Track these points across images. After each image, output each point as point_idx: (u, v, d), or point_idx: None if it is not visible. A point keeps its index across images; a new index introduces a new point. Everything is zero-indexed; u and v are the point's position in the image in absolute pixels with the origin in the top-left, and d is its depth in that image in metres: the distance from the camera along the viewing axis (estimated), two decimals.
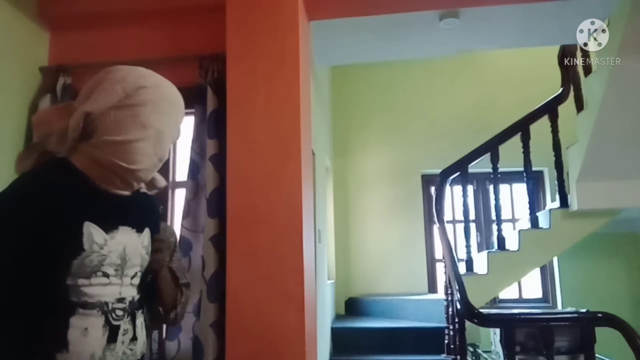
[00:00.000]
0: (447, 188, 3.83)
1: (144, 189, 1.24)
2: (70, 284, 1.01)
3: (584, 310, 3.61)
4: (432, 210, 3.96)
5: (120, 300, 1.09)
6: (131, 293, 1.13)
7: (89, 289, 1.03)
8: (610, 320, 2.47)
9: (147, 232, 1.20)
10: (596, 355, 2.52)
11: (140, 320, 1.16)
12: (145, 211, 1.23)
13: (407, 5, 2.53)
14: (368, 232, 5.49)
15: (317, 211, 3.17)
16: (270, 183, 2.08)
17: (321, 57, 3.24)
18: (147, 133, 1.09)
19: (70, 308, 1.01)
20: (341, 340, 4.13)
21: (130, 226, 1.14)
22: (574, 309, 4.23)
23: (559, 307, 5.03)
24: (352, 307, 5.22)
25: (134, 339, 1.12)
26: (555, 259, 5.00)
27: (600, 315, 2.54)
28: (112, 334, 1.06)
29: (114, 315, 1.07)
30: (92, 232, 1.05)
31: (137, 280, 1.15)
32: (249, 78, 2.18)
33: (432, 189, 5.00)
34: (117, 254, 1.09)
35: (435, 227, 4.64)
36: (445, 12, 2.61)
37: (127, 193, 1.15)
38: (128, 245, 1.12)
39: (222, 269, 2.10)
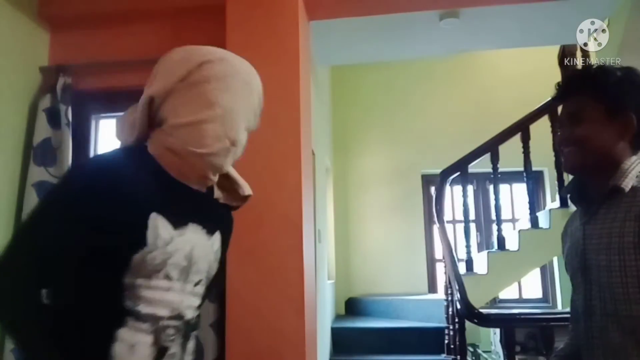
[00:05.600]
0: (447, 188, 3.84)
1: (223, 200, 1.14)
2: (127, 283, 0.89)
3: None
4: (432, 210, 3.96)
5: (176, 317, 0.95)
6: (192, 303, 0.99)
7: (148, 292, 0.90)
8: None
9: (217, 236, 1.08)
10: None
11: (191, 345, 1.01)
12: (219, 214, 1.13)
13: (407, 5, 2.53)
14: (368, 232, 5.49)
15: (317, 211, 3.17)
16: (270, 183, 2.08)
17: (321, 57, 3.23)
18: (214, 112, 0.97)
19: (120, 316, 0.88)
20: (341, 340, 4.13)
21: (201, 225, 1.01)
22: None
23: (559, 307, 5.02)
24: (352, 307, 5.22)
25: None
26: (555, 259, 4.99)
27: None
28: (159, 356, 0.92)
29: (164, 334, 0.92)
30: (158, 226, 0.92)
31: (200, 289, 1.02)
32: None
33: (432, 189, 5.00)
34: (184, 254, 0.96)
35: (435, 227, 4.63)
36: (445, 12, 2.60)
37: (202, 189, 1.05)
38: (196, 247, 0.99)
39: (222, 269, 2.09)
